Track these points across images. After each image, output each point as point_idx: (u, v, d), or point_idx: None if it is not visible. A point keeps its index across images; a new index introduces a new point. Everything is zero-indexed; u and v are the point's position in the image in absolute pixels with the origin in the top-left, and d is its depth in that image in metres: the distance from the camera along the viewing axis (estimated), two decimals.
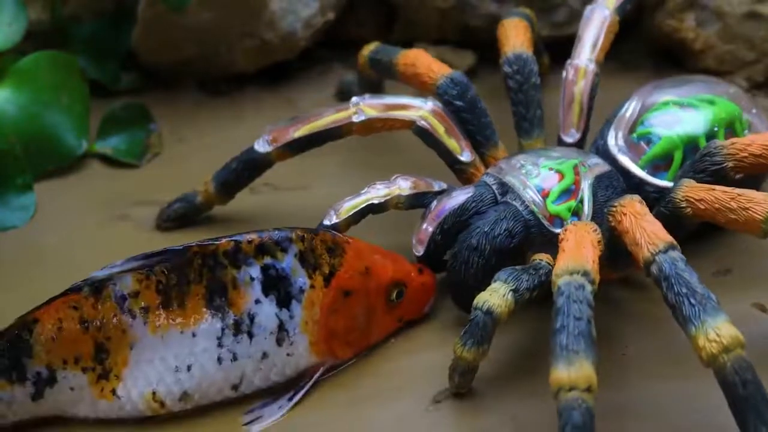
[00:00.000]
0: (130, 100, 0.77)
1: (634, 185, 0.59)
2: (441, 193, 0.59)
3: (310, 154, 0.65)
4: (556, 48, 0.81)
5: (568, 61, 0.65)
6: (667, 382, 0.53)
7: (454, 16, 0.79)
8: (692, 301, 0.47)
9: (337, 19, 0.81)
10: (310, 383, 0.53)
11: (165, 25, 0.77)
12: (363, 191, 0.59)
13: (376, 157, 0.71)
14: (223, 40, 0.78)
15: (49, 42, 0.77)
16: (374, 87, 0.74)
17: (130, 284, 0.52)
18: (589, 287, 0.48)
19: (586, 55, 0.65)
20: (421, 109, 0.62)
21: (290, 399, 0.53)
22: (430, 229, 0.57)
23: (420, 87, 0.65)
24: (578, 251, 0.50)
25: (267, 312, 0.52)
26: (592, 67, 0.64)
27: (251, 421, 0.52)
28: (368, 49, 0.70)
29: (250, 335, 0.52)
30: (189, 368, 0.51)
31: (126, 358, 0.51)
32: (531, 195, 0.57)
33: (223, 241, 0.53)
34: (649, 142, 0.60)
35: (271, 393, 0.53)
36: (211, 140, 0.75)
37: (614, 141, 0.61)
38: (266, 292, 0.53)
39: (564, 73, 0.65)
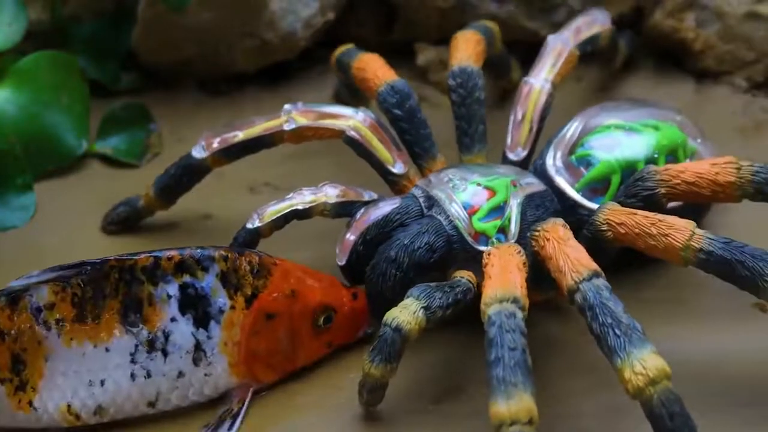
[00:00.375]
0: (130, 100, 0.77)
1: (569, 207, 0.59)
2: (369, 203, 0.58)
3: (310, 155, 0.65)
4: None
5: (524, 79, 0.65)
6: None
7: (454, 16, 0.79)
8: (617, 332, 0.47)
9: (337, 19, 0.81)
10: (244, 408, 0.53)
11: (165, 25, 0.77)
12: (288, 196, 0.59)
13: None
14: (223, 40, 0.78)
15: (49, 42, 0.77)
16: (354, 90, 0.73)
17: (45, 296, 0.51)
18: (520, 314, 0.47)
19: (543, 74, 0.65)
20: (352, 119, 0.62)
21: (230, 429, 0.52)
22: (353, 239, 0.57)
23: (366, 92, 0.65)
24: (505, 276, 0.49)
25: (183, 331, 0.52)
26: (547, 87, 0.64)
27: None
28: (339, 51, 0.70)
29: (165, 353, 0.52)
30: (102, 383, 0.51)
31: (41, 370, 0.51)
32: (456, 210, 0.56)
33: (142, 256, 0.52)
34: (588, 164, 0.60)
35: (199, 417, 0.53)
36: None
37: (552, 161, 0.60)
38: (183, 310, 0.52)
39: (518, 90, 0.64)
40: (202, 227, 0.67)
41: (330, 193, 0.59)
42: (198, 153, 0.63)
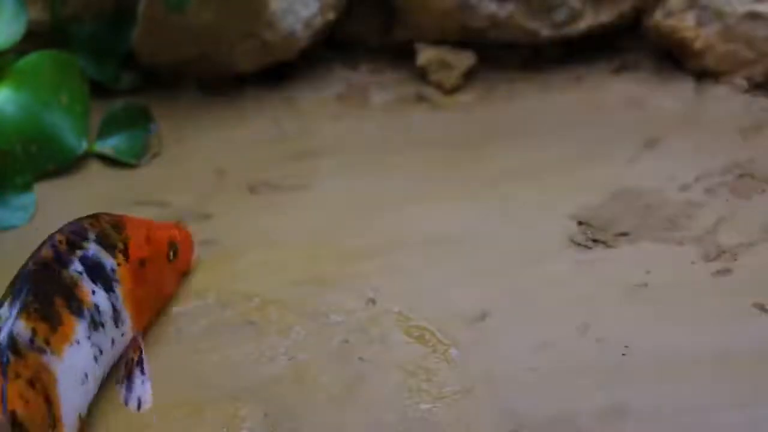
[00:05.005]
0: (130, 100, 0.77)
1: None
2: None
3: (310, 154, 0.65)
4: (556, 48, 0.81)
5: None
6: (667, 382, 0.53)
7: (454, 16, 0.79)
8: None
9: (337, 19, 0.81)
10: (143, 355, 0.54)
11: (165, 25, 0.77)
12: None
13: (374, 157, 0.72)
14: (223, 40, 0.78)
15: (49, 42, 0.77)
16: None
17: (22, 327, 0.48)
18: None
19: None
20: None
21: (143, 372, 0.54)
22: None
23: None
24: None
25: (102, 299, 0.53)
26: None
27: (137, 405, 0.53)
28: None
29: (102, 326, 0.53)
30: (86, 376, 0.51)
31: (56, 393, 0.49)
32: None
33: (44, 251, 0.52)
34: None
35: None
36: (211, 140, 0.75)
37: None
38: (94, 281, 0.53)
39: None
40: (202, 227, 0.67)
41: None
42: None
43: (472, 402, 0.52)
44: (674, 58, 0.79)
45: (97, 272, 0.53)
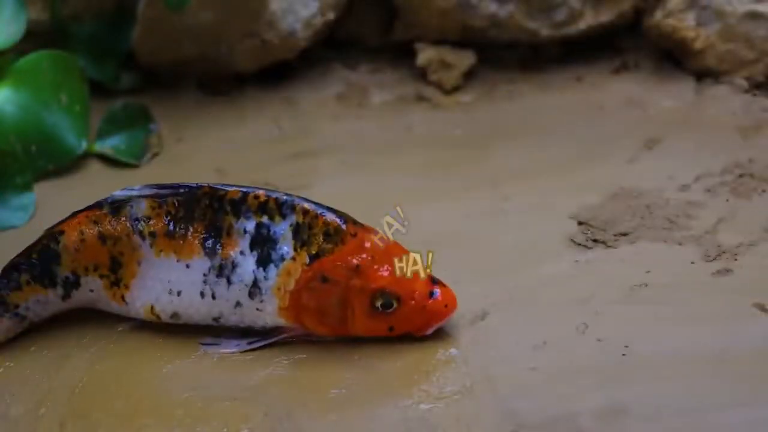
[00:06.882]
0: (130, 100, 0.77)
1: None
2: None
3: (310, 154, 0.65)
4: (556, 48, 0.81)
5: None
6: (667, 382, 0.53)
7: (454, 16, 0.79)
8: None
9: (337, 19, 0.81)
10: (272, 340, 0.56)
11: (165, 25, 0.77)
12: None
13: (374, 157, 0.72)
14: (223, 40, 0.78)
15: (49, 42, 0.77)
16: None
17: (144, 209, 0.57)
18: None
19: None
20: None
21: (249, 343, 0.56)
22: None
23: None
24: None
25: (247, 265, 0.56)
26: None
27: (208, 344, 0.57)
28: None
29: (229, 281, 0.56)
30: (179, 293, 0.56)
31: (134, 272, 0.57)
32: None
33: (233, 189, 0.57)
34: None
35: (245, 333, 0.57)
36: (211, 140, 0.76)
37: None
38: (252, 247, 0.56)
39: None
40: None
41: None
42: None
43: (472, 402, 0.52)
44: (674, 58, 0.79)
45: (262, 245, 0.56)
